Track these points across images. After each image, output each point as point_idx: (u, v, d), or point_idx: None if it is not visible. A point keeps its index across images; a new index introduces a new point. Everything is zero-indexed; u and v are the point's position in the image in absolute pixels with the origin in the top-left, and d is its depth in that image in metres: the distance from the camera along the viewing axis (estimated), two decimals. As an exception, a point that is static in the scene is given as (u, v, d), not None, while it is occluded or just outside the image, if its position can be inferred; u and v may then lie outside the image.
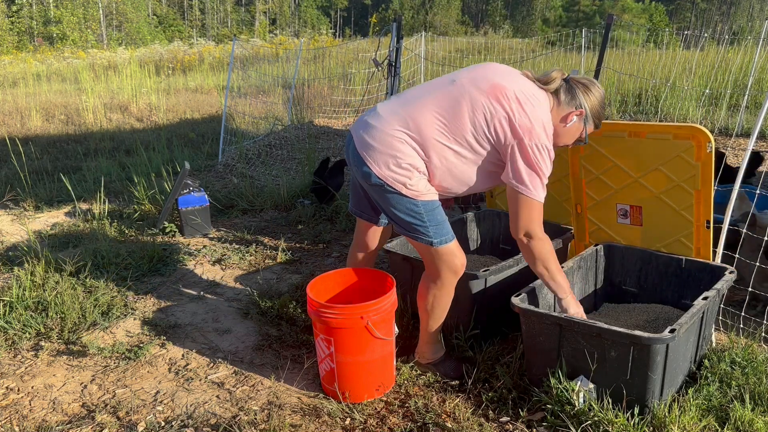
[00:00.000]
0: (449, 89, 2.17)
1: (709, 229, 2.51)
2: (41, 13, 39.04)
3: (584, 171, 2.80)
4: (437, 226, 2.22)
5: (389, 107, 2.23)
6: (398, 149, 2.13)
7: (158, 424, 2.24)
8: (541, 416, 2.16)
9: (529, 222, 2.14)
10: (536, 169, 2.09)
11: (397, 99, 2.26)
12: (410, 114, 2.16)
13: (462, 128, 2.12)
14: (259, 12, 55.15)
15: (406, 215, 2.20)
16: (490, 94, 2.10)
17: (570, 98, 2.19)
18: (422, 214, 2.19)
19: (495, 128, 2.10)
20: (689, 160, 2.44)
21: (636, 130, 2.57)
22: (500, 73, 2.18)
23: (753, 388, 2.18)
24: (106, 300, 3.19)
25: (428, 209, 2.20)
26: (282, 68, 11.44)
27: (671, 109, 8.68)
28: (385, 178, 2.14)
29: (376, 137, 2.16)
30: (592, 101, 2.22)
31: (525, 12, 55.43)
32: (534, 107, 2.10)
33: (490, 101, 2.10)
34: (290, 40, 28.02)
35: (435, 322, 2.42)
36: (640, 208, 2.70)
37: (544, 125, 2.11)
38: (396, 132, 2.14)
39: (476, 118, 2.10)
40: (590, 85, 2.23)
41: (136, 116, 10.74)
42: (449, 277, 2.31)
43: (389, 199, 2.19)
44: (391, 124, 2.16)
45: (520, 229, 2.16)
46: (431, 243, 2.22)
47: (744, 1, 50.27)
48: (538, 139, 2.07)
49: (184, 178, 4.36)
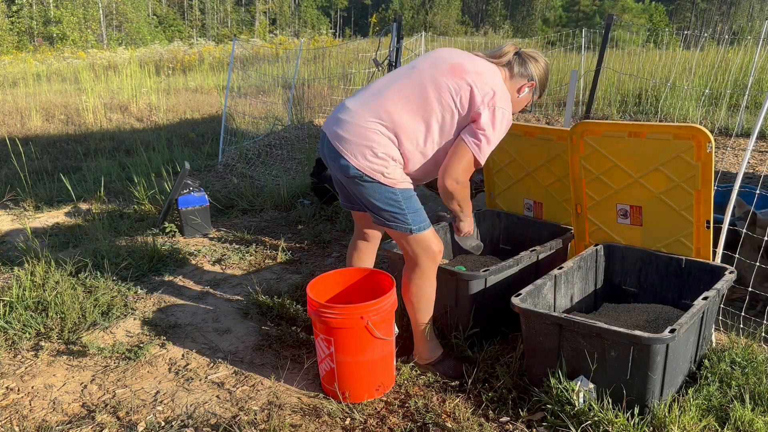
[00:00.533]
0: (412, 76, 2.30)
1: (709, 230, 2.51)
2: (41, 13, 39.05)
3: (584, 171, 2.80)
4: (415, 213, 2.31)
5: (358, 101, 2.32)
6: (373, 139, 2.22)
7: (158, 424, 2.24)
8: (541, 416, 2.16)
9: (464, 173, 2.27)
10: (492, 130, 2.23)
11: (364, 92, 2.36)
12: (380, 104, 2.26)
13: (430, 109, 2.24)
14: (259, 12, 55.15)
15: (384, 204, 2.28)
16: (450, 72, 2.26)
17: (523, 70, 2.38)
18: (400, 202, 2.28)
19: (461, 101, 2.23)
20: (689, 160, 2.44)
21: (636, 130, 2.57)
22: (455, 54, 2.36)
23: (753, 388, 2.18)
24: (106, 300, 3.19)
25: (405, 197, 2.29)
26: (282, 68, 11.43)
27: (671, 109, 8.68)
28: (362, 168, 2.22)
29: (349, 130, 2.25)
30: (539, 72, 2.41)
31: (525, 12, 55.45)
32: (492, 76, 2.29)
33: (452, 79, 2.24)
34: (290, 40, 28.02)
35: (423, 315, 2.45)
36: (640, 209, 2.70)
37: (503, 92, 2.28)
38: (369, 123, 2.24)
39: (442, 96, 2.23)
40: (538, 58, 2.42)
41: (136, 116, 10.74)
42: (428, 264, 2.38)
43: (368, 190, 2.26)
44: (363, 116, 2.26)
45: (451, 176, 2.26)
46: (410, 230, 2.31)
47: (744, 1, 50.27)
48: (500, 103, 2.23)
49: (184, 178, 4.36)
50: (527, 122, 8.93)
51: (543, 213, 3.24)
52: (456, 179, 2.27)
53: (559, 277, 2.54)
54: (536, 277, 2.56)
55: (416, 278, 2.40)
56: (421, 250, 2.34)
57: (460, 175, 2.27)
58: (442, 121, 2.25)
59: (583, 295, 2.75)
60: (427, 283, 2.41)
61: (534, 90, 2.43)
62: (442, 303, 2.66)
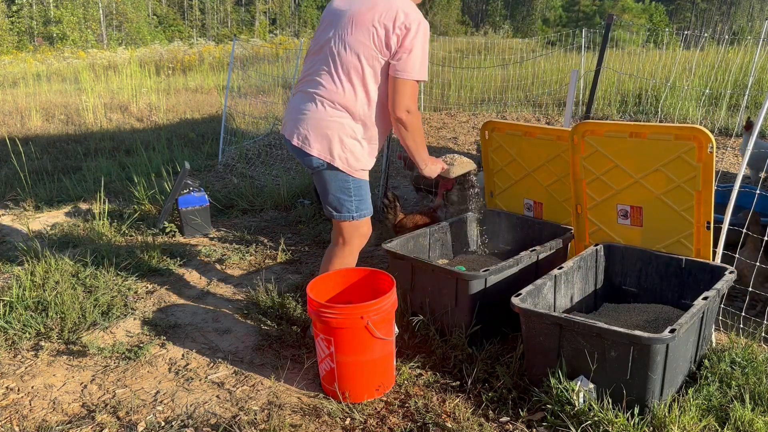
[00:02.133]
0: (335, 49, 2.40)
1: (709, 230, 2.51)
2: (41, 13, 39.03)
3: (585, 171, 2.80)
4: (360, 201, 2.54)
5: (298, 97, 2.51)
6: (330, 127, 2.40)
7: (158, 424, 2.24)
8: (541, 416, 2.16)
9: (411, 100, 2.39)
10: (420, 50, 2.33)
11: (301, 86, 2.52)
12: (318, 91, 2.42)
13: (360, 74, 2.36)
14: (259, 12, 55.15)
15: (337, 192, 2.50)
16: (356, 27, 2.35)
17: None
18: (351, 190, 2.50)
19: (380, 46, 2.33)
20: (690, 161, 2.44)
21: (637, 130, 2.56)
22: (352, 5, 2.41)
23: (753, 388, 2.18)
24: (106, 300, 3.19)
25: (356, 186, 2.51)
26: (282, 68, 11.43)
27: (671, 109, 8.68)
28: (324, 157, 2.43)
29: (306, 126, 2.44)
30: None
31: (525, 12, 55.42)
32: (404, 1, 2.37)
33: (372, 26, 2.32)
34: (290, 40, 28.00)
35: None
36: (640, 209, 2.70)
37: (406, 4, 2.36)
38: (322, 114, 2.41)
39: (361, 55, 2.34)
40: None
41: (136, 116, 10.74)
42: (358, 244, 2.64)
43: (327, 178, 2.49)
44: (311, 108, 2.43)
45: (401, 107, 2.38)
46: (352, 217, 2.54)
47: (744, 1, 50.26)
48: (421, 19, 2.34)
49: (184, 178, 4.36)
50: (527, 122, 8.92)
51: (543, 213, 3.24)
52: (406, 108, 2.38)
53: (559, 277, 2.54)
54: (536, 277, 2.56)
55: (344, 256, 2.63)
56: (355, 231, 2.59)
57: (410, 104, 2.38)
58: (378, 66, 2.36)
59: (583, 295, 2.75)
60: (351, 258, 2.66)
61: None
62: (442, 303, 2.67)
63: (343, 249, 2.63)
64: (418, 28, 2.32)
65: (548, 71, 11.54)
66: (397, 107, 2.38)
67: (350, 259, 2.66)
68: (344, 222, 2.56)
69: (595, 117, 9.36)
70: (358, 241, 2.63)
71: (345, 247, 2.62)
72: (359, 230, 2.60)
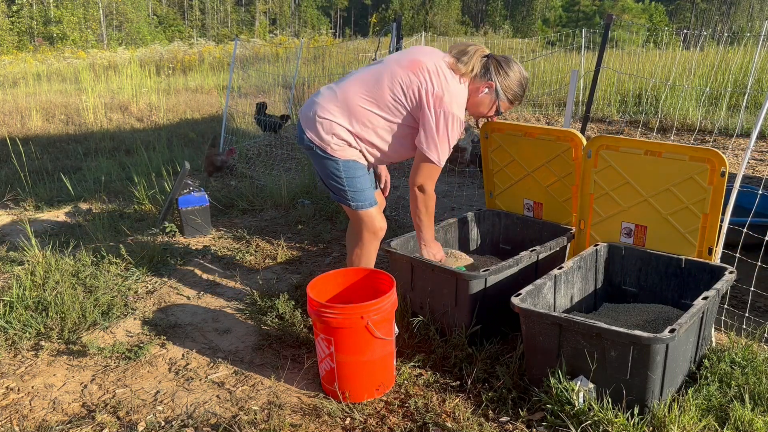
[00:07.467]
0: (376, 68, 2.53)
1: (710, 257, 2.51)
2: (41, 13, 39.04)
3: (595, 186, 2.79)
4: (355, 192, 2.56)
5: (329, 87, 2.59)
6: (327, 117, 2.48)
7: (158, 423, 2.24)
8: (541, 416, 2.16)
9: (427, 179, 2.51)
10: (443, 135, 2.41)
11: (338, 81, 2.61)
12: (341, 86, 2.53)
13: (381, 96, 2.45)
14: (259, 12, 55.14)
15: (329, 179, 2.56)
16: (408, 68, 2.44)
17: (484, 72, 2.49)
18: (342, 178, 2.54)
19: (411, 96, 2.43)
20: (702, 182, 2.44)
21: (653, 148, 2.55)
22: (422, 51, 2.52)
23: (753, 388, 2.18)
24: (106, 300, 3.19)
25: (348, 173, 2.53)
26: (282, 68, 11.44)
27: (671, 109, 8.68)
28: (312, 140, 2.50)
29: (312, 109, 2.53)
30: (503, 79, 2.49)
31: (525, 12, 55.42)
32: (446, 80, 2.42)
33: (407, 73, 2.43)
34: (290, 40, 28.00)
35: None
36: (645, 228, 2.70)
37: (454, 95, 2.41)
38: (327, 104, 2.50)
39: (394, 87, 2.44)
40: (505, 64, 2.50)
41: (136, 116, 10.74)
42: (369, 238, 2.67)
43: (319, 162, 2.55)
44: (325, 97, 2.53)
45: (417, 182, 2.51)
46: (350, 206, 2.59)
47: (744, 1, 50.25)
48: (448, 107, 2.39)
49: (184, 178, 4.36)
50: (527, 122, 8.93)
51: (543, 213, 3.24)
52: (419, 186, 2.51)
53: (559, 277, 2.54)
54: (536, 277, 2.56)
55: (357, 248, 2.70)
56: (362, 224, 2.63)
57: (424, 182, 2.50)
58: (392, 106, 2.45)
59: (583, 295, 2.75)
60: (365, 255, 2.69)
61: (496, 92, 2.49)
62: (442, 303, 2.67)
63: (357, 241, 2.70)
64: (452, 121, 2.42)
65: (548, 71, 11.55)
66: (413, 179, 2.52)
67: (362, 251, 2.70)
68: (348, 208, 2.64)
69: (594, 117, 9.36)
70: (368, 235, 2.67)
71: (359, 239, 2.69)
72: (367, 224, 2.65)
